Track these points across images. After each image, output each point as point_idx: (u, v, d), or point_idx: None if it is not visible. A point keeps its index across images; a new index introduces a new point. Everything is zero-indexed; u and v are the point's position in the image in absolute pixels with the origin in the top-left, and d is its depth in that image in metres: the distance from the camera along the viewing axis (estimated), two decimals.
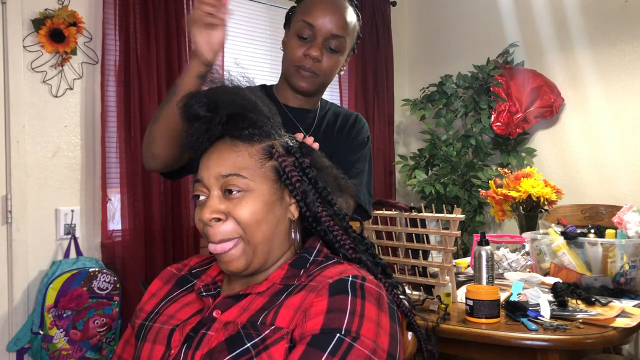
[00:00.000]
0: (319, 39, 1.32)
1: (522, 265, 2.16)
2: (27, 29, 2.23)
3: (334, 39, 1.34)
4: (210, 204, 0.91)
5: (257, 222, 0.91)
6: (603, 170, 3.03)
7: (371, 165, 1.53)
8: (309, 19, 1.31)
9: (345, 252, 0.96)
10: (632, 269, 1.83)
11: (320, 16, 1.31)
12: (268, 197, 0.92)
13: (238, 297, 0.93)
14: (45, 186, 2.27)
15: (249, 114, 0.94)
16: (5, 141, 2.19)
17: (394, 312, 0.88)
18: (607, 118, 3.02)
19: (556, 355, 1.44)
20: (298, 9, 1.39)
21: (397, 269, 1.84)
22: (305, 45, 1.33)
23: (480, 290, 1.58)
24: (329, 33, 1.32)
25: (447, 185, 3.11)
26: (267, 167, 0.93)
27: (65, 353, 2.12)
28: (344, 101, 3.36)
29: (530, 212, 2.39)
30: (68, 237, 2.31)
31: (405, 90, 3.81)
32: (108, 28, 2.40)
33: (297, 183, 0.94)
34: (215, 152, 0.94)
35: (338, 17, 1.34)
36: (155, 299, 1.03)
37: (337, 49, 1.36)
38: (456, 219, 1.70)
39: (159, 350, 0.92)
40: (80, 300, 2.13)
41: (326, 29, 1.32)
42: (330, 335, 0.80)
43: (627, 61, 2.96)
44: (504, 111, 3.19)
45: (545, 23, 3.22)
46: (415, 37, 3.85)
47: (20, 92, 2.21)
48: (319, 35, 1.32)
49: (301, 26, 1.32)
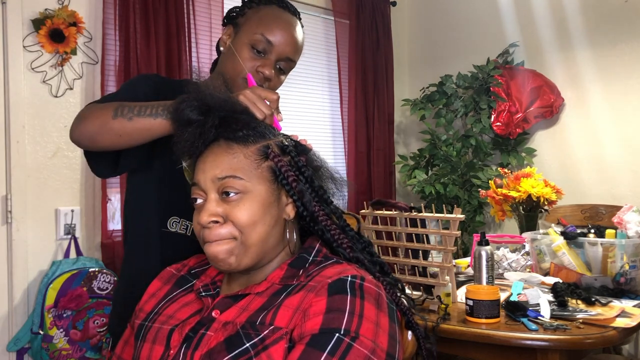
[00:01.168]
0: (272, 58, 1.28)
1: (522, 265, 2.16)
2: (27, 29, 2.23)
3: (287, 62, 1.31)
4: (208, 208, 0.91)
5: (254, 223, 0.91)
6: (603, 170, 3.03)
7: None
8: (269, 35, 1.26)
9: (342, 250, 0.96)
10: (632, 269, 1.83)
11: (280, 36, 1.27)
12: (265, 198, 0.93)
13: (237, 297, 0.93)
14: (45, 186, 2.27)
15: (240, 115, 0.95)
16: (5, 141, 2.19)
17: (393, 312, 0.88)
18: (607, 118, 3.02)
19: (556, 355, 1.44)
20: (254, 16, 1.31)
21: (397, 269, 1.84)
22: (259, 60, 1.28)
23: (480, 290, 1.58)
24: (284, 55, 1.29)
25: (447, 185, 3.11)
26: (263, 167, 0.93)
27: (65, 353, 2.12)
28: (344, 101, 3.36)
29: (530, 212, 2.39)
30: (68, 237, 2.31)
31: (405, 90, 3.81)
32: (108, 28, 2.40)
33: (294, 183, 0.94)
34: (211, 155, 0.94)
35: (296, 40, 1.31)
36: (155, 299, 1.03)
37: (286, 71, 1.34)
38: (456, 219, 1.70)
39: (158, 351, 0.92)
40: (80, 300, 2.13)
41: (283, 51, 1.28)
42: (329, 335, 0.80)
43: (627, 61, 2.96)
44: (504, 111, 3.19)
45: (545, 23, 3.22)
46: (415, 37, 3.85)
47: (20, 92, 2.21)
48: (274, 54, 1.28)
49: (259, 40, 1.26)
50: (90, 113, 1.13)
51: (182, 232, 1.27)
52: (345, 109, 3.37)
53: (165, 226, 1.26)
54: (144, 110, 1.09)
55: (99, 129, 1.10)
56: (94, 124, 1.10)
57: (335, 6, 3.34)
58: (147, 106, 1.09)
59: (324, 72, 3.40)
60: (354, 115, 3.36)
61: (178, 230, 1.26)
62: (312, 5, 3.30)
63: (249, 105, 1.01)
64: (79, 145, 1.16)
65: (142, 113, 1.08)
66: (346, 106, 3.36)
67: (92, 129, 1.11)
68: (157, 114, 1.08)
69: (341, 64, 3.36)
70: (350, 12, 3.38)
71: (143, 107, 1.09)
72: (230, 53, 1.29)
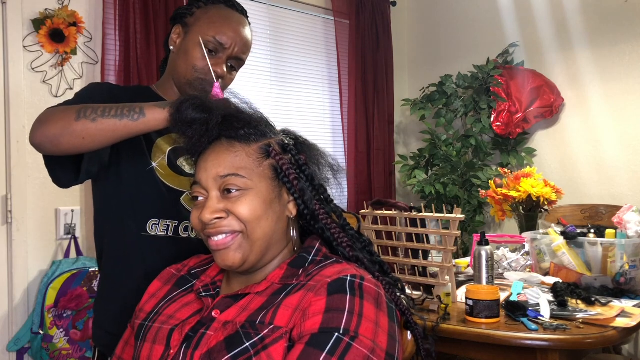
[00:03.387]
0: (223, 57, 1.30)
1: (522, 265, 2.16)
2: (27, 29, 2.23)
3: (237, 60, 1.33)
4: (210, 205, 0.92)
5: (258, 218, 0.91)
6: (603, 170, 3.03)
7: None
8: (219, 37, 1.27)
9: (342, 249, 0.97)
10: (632, 269, 1.83)
11: (231, 37, 1.29)
12: (267, 195, 0.93)
13: (237, 297, 0.93)
14: (45, 186, 2.27)
15: (242, 114, 0.95)
16: (5, 141, 2.19)
17: (393, 311, 0.88)
18: (607, 118, 3.02)
19: (556, 355, 1.44)
20: (203, 16, 1.31)
21: (397, 269, 1.84)
22: (211, 59, 1.28)
23: (480, 290, 1.58)
24: (234, 55, 1.31)
25: (447, 185, 3.11)
26: (264, 165, 0.94)
27: (65, 353, 2.12)
28: (344, 101, 3.36)
29: (530, 212, 2.39)
30: (68, 237, 2.31)
31: (405, 90, 3.81)
32: (108, 28, 2.40)
33: (295, 181, 0.94)
34: (213, 154, 0.94)
35: (246, 40, 1.33)
36: (155, 299, 1.03)
37: (237, 68, 1.35)
38: (456, 219, 1.70)
39: (158, 350, 0.92)
40: (80, 300, 2.14)
41: (233, 51, 1.30)
42: (328, 335, 0.80)
43: (627, 61, 2.96)
44: (504, 111, 3.19)
45: (545, 23, 3.22)
46: (415, 37, 3.85)
47: (20, 92, 2.21)
48: (225, 54, 1.30)
49: (210, 41, 1.27)
50: (52, 116, 1.09)
51: (162, 234, 1.25)
52: (345, 109, 3.37)
53: (145, 230, 1.24)
54: (107, 111, 1.06)
55: (62, 131, 1.06)
56: (55, 126, 1.06)
57: (335, 6, 3.34)
58: (111, 107, 1.07)
59: (324, 72, 3.40)
60: (354, 115, 3.36)
61: (158, 232, 1.24)
62: (312, 5, 3.30)
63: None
64: (40, 149, 1.11)
65: (106, 114, 1.06)
66: (346, 106, 3.36)
67: (54, 132, 1.06)
68: (123, 114, 1.05)
69: (341, 64, 3.36)
70: (350, 12, 3.38)
71: (107, 109, 1.06)
72: (182, 53, 1.30)
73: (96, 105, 1.08)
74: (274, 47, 3.11)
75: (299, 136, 1.02)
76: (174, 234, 1.26)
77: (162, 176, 1.26)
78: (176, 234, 1.26)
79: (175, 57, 1.33)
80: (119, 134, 1.06)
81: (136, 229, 1.24)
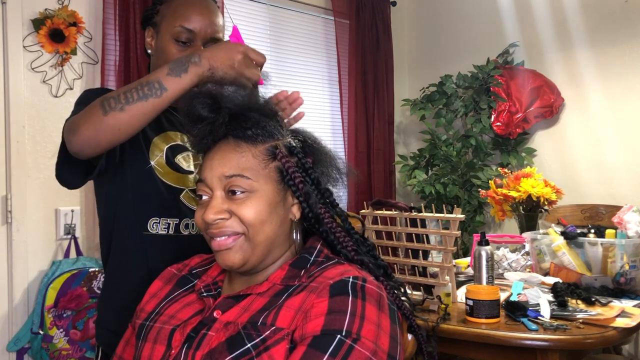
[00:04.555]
0: (199, 44, 1.29)
1: (522, 265, 2.16)
2: (27, 29, 2.23)
3: (215, 41, 1.31)
4: (214, 205, 0.91)
5: (262, 222, 0.91)
6: (603, 170, 3.03)
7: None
8: (187, 24, 1.27)
9: (347, 253, 0.96)
10: (632, 269, 1.83)
11: (199, 20, 1.28)
12: (272, 198, 0.92)
13: (239, 297, 0.93)
14: (45, 186, 2.27)
15: (251, 113, 0.94)
16: (5, 141, 2.19)
17: (395, 313, 0.88)
18: (607, 118, 3.02)
19: (556, 355, 1.44)
20: (167, 11, 1.32)
21: (397, 269, 1.84)
22: (185, 50, 1.28)
23: (480, 290, 1.58)
24: (208, 37, 1.30)
25: (447, 185, 3.11)
26: (270, 167, 0.93)
27: (65, 353, 2.12)
28: (344, 101, 3.36)
29: (530, 212, 2.39)
30: (68, 237, 2.31)
31: (405, 90, 3.81)
32: (108, 28, 2.40)
33: (300, 184, 0.94)
34: (219, 153, 0.94)
35: (215, 20, 1.31)
36: (156, 299, 1.03)
37: None
38: (456, 219, 1.70)
39: (159, 350, 0.92)
40: (80, 300, 2.13)
41: (206, 33, 1.29)
42: (330, 337, 0.80)
43: (627, 61, 2.96)
44: (504, 111, 3.19)
45: (545, 23, 3.22)
46: (415, 37, 3.85)
47: (20, 92, 2.21)
48: (199, 40, 1.29)
49: (179, 32, 1.27)
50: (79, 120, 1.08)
51: (163, 233, 1.25)
52: (345, 109, 3.37)
53: (146, 229, 1.24)
54: (130, 95, 1.05)
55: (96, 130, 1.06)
56: (88, 128, 1.06)
57: (335, 6, 3.34)
58: (130, 91, 1.05)
59: (324, 72, 3.40)
60: (354, 115, 3.36)
61: (159, 231, 1.25)
62: (312, 5, 3.30)
63: (237, 77, 1.05)
64: (82, 154, 1.10)
65: (129, 100, 1.04)
66: (346, 106, 3.36)
67: (89, 133, 1.06)
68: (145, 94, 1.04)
69: (341, 64, 3.36)
70: (350, 12, 3.38)
71: (128, 93, 1.05)
72: (159, 53, 1.30)
73: (113, 93, 1.07)
74: (274, 47, 3.11)
75: (308, 137, 1.01)
76: (175, 232, 1.26)
77: (161, 174, 1.26)
78: (177, 232, 1.26)
79: (155, 60, 1.33)
80: (150, 115, 1.06)
81: (138, 228, 1.24)
